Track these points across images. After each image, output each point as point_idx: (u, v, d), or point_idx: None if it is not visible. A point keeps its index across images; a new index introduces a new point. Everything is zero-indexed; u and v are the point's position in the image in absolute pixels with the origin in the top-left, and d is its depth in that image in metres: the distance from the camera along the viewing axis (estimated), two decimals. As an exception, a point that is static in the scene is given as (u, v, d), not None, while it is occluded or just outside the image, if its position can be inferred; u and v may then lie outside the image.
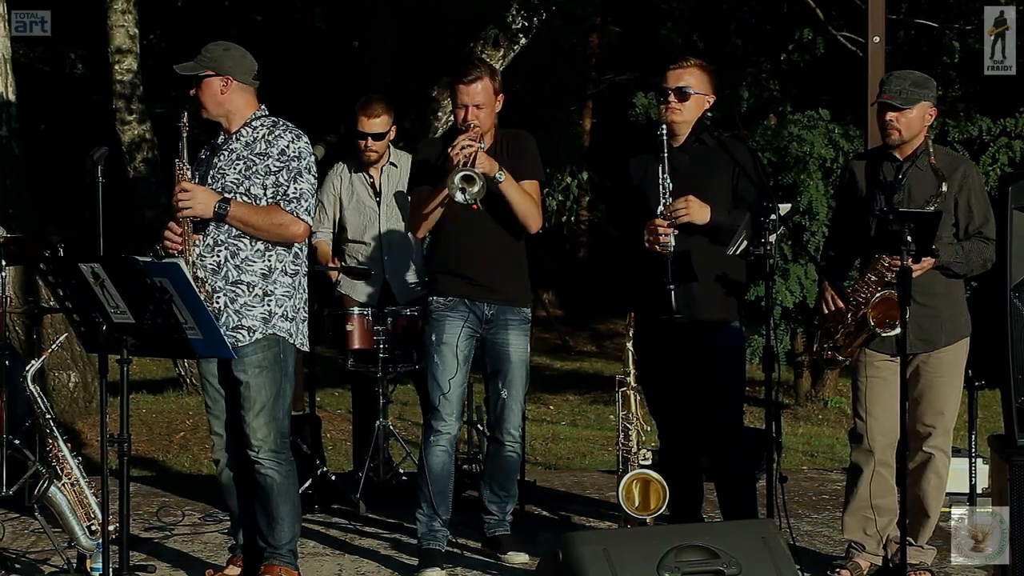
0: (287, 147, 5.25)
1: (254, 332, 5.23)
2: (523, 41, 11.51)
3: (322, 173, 7.30)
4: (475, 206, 5.54)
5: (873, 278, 5.44)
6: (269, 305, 5.25)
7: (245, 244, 5.25)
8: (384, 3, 14.41)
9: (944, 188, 5.31)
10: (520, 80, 15.95)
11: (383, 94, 7.62)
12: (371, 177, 7.12)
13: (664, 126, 5.50)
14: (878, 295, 5.39)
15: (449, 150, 5.55)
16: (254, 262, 5.26)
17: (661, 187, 5.46)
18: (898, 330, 5.29)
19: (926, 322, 5.41)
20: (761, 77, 12.34)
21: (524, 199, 5.72)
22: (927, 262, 5.27)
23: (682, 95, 5.56)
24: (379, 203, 7.08)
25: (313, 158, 5.33)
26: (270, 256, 5.27)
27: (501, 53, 11.54)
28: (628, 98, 11.73)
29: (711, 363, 5.57)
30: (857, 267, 5.84)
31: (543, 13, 11.16)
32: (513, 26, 11.26)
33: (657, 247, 5.41)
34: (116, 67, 11.37)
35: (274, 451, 5.30)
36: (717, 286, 5.58)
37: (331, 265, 7.12)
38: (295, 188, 5.23)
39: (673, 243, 5.39)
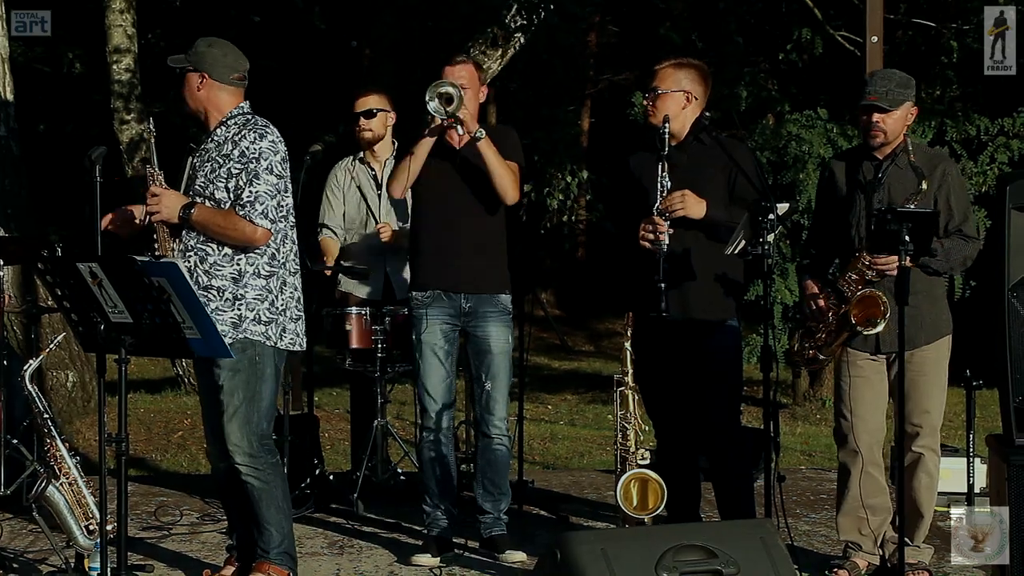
0: (247, 148, 5.17)
1: (224, 337, 5.14)
2: (521, 40, 11.49)
3: (321, 174, 7.32)
4: (449, 121, 5.76)
5: (854, 276, 5.44)
6: (240, 309, 5.19)
7: (212, 249, 5.21)
8: (386, 3, 14.42)
9: (924, 186, 5.33)
10: (519, 79, 15.97)
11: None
12: (373, 170, 7.12)
13: (667, 125, 5.52)
14: (859, 293, 5.40)
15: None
16: (223, 266, 5.21)
17: (659, 185, 5.48)
18: (880, 328, 5.33)
19: (906, 320, 5.39)
20: (759, 76, 12.33)
21: (501, 164, 5.86)
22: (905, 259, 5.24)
23: (654, 95, 5.60)
24: (380, 196, 7.08)
25: (278, 157, 5.21)
26: (239, 260, 5.21)
27: (499, 52, 11.53)
28: (627, 97, 11.72)
29: (708, 363, 5.58)
30: (836, 266, 5.82)
31: (541, 12, 11.15)
32: (512, 25, 11.26)
33: (649, 244, 5.43)
34: (114, 67, 11.36)
35: (250, 455, 5.23)
36: (714, 285, 5.59)
37: (328, 264, 7.11)
38: (250, 191, 5.14)
39: (667, 241, 5.41)
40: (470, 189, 5.92)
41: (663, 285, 5.40)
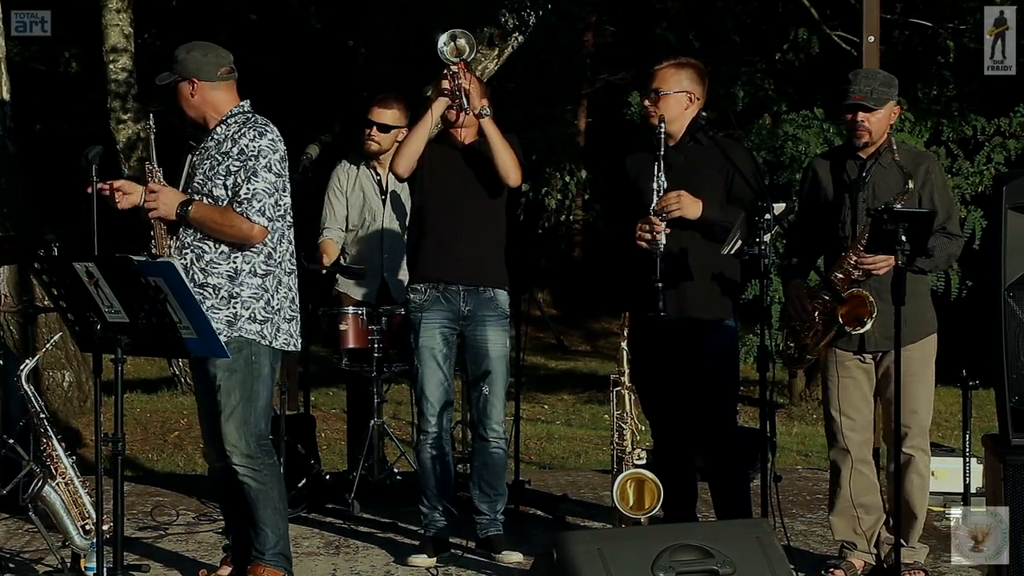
0: (247, 145, 5.16)
1: (219, 335, 5.15)
2: (519, 39, 11.50)
3: (319, 173, 7.32)
4: (460, 65, 5.85)
5: (840, 276, 5.45)
6: (235, 308, 5.18)
7: (209, 246, 5.20)
8: (381, 3, 14.40)
9: (911, 185, 5.34)
10: (516, 79, 15.96)
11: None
12: (378, 175, 7.12)
13: (662, 125, 5.52)
14: (846, 293, 5.40)
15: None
16: (219, 264, 5.19)
17: (655, 184, 5.48)
18: (867, 327, 5.35)
19: (890, 319, 5.36)
20: (756, 76, 12.33)
21: (504, 144, 5.89)
22: (891, 258, 5.22)
23: (656, 97, 5.59)
24: (384, 201, 7.08)
25: (277, 155, 5.20)
26: (236, 258, 5.20)
27: (496, 52, 11.53)
28: (623, 97, 11.73)
29: (705, 362, 5.58)
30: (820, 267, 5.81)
31: (539, 11, 11.15)
32: (508, 25, 11.26)
33: (646, 244, 5.44)
34: (111, 66, 11.35)
35: (248, 456, 5.22)
36: (711, 285, 5.60)
37: (325, 265, 7.11)
38: (247, 188, 5.13)
39: (664, 241, 5.42)
40: (474, 174, 5.96)
41: (660, 285, 5.40)
